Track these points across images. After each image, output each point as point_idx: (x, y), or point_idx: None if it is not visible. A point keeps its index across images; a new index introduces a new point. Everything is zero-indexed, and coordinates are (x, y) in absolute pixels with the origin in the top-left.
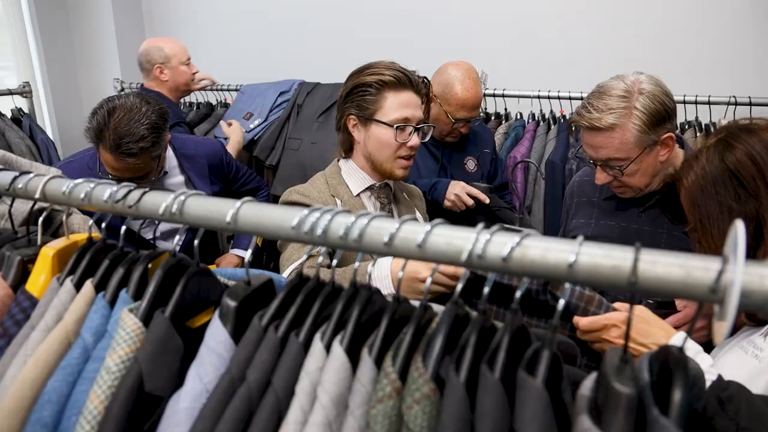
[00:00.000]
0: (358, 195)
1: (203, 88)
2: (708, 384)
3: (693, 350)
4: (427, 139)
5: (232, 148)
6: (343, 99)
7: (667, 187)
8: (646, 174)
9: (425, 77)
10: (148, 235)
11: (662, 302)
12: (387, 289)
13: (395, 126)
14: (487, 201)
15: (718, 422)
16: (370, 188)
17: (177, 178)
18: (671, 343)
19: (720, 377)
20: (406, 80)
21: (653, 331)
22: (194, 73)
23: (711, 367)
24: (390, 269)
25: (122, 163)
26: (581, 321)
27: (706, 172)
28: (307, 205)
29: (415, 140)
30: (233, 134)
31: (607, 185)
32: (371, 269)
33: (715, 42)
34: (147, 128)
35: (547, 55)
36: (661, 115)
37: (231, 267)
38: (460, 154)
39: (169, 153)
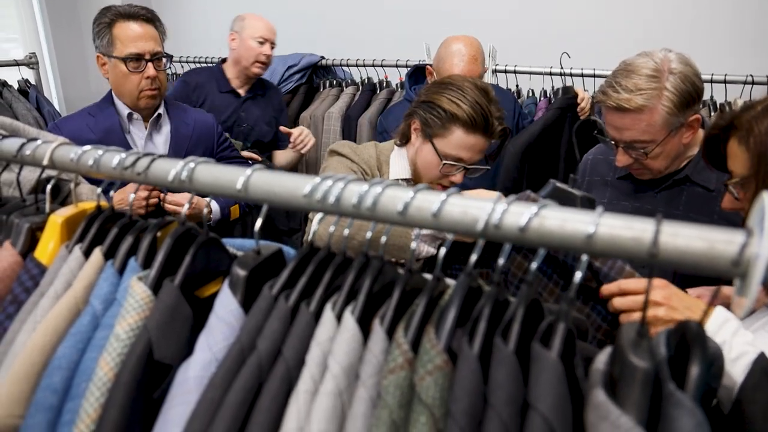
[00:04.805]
0: (395, 181)
1: (257, 74)
2: (749, 359)
3: (734, 324)
4: (476, 175)
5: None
6: (419, 102)
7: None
8: (668, 156)
9: (507, 128)
10: None
11: None
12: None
13: (443, 162)
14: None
15: (761, 394)
16: (407, 180)
17: (165, 127)
18: (714, 316)
19: (763, 354)
20: (481, 125)
21: (697, 303)
22: (265, 54)
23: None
24: None
25: (139, 27)
26: (627, 282)
27: None
28: (353, 162)
29: (458, 178)
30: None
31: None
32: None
33: (729, 18)
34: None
35: (559, 32)
36: (691, 96)
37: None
38: None
39: (162, 105)
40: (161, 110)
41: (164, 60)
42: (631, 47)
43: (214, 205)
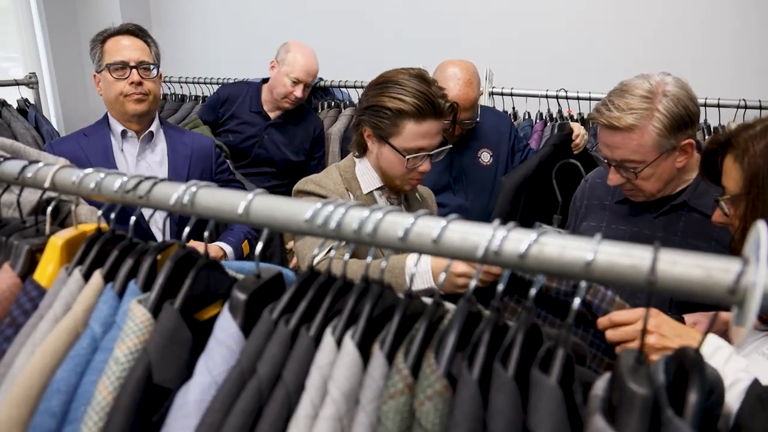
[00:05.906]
0: (370, 192)
1: (286, 108)
2: (743, 386)
3: (726, 352)
4: (441, 158)
5: None
6: (363, 109)
7: (711, 149)
8: (660, 179)
9: (454, 103)
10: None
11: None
12: (426, 283)
13: (407, 157)
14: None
15: (757, 421)
16: (380, 188)
17: (160, 146)
18: (706, 343)
19: (757, 380)
20: (429, 110)
21: (687, 331)
22: (296, 96)
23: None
24: (430, 264)
25: (126, 40)
26: (618, 314)
27: None
28: (321, 196)
29: (425, 166)
30: None
31: (619, 188)
32: (385, 265)
33: (722, 43)
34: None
35: (557, 54)
36: (684, 120)
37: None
38: (472, 147)
39: (156, 123)
40: (153, 128)
41: (152, 69)
42: (627, 71)
43: (228, 249)
